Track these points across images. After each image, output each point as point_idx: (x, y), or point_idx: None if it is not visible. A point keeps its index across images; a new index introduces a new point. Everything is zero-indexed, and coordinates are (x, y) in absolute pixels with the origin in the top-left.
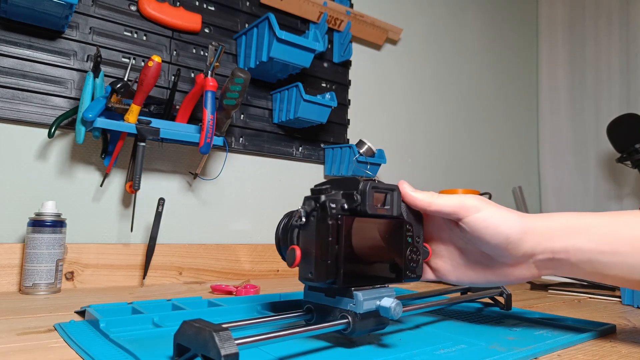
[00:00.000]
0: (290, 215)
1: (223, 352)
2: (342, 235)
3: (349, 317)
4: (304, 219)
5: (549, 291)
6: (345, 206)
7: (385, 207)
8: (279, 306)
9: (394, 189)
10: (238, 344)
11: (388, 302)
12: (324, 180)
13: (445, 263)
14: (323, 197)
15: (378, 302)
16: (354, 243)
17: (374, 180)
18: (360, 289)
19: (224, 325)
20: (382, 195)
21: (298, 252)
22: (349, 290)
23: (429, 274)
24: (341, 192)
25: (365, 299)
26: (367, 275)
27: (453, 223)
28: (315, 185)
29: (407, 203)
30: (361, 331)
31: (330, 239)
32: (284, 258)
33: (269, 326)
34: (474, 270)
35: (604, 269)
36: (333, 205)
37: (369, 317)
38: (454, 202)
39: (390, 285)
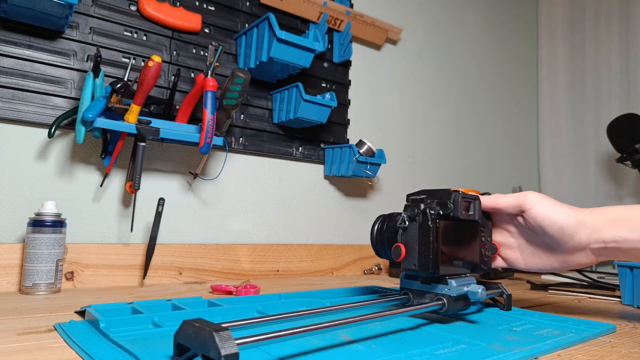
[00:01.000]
0: (382, 218)
1: (223, 352)
2: (439, 235)
3: (444, 299)
4: (407, 223)
5: (549, 291)
6: (440, 212)
7: (470, 212)
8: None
9: (476, 198)
10: (238, 344)
11: (476, 287)
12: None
13: (514, 253)
14: (422, 205)
15: (466, 288)
16: (446, 241)
17: (459, 191)
18: (452, 278)
19: (224, 325)
20: (467, 203)
21: (403, 248)
22: (443, 278)
23: (499, 262)
24: (436, 200)
25: (458, 285)
26: (455, 267)
27: (517, 217)
28: (410, 195)
29: None
30: (453, 311)
31: (431, 238)
32: (378, 253)
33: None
34: (539, 258)
35: None
36: (432, 212)
37: (459, 299)
38: (517, 198)
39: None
